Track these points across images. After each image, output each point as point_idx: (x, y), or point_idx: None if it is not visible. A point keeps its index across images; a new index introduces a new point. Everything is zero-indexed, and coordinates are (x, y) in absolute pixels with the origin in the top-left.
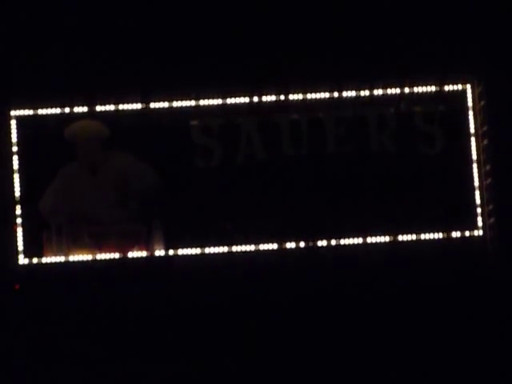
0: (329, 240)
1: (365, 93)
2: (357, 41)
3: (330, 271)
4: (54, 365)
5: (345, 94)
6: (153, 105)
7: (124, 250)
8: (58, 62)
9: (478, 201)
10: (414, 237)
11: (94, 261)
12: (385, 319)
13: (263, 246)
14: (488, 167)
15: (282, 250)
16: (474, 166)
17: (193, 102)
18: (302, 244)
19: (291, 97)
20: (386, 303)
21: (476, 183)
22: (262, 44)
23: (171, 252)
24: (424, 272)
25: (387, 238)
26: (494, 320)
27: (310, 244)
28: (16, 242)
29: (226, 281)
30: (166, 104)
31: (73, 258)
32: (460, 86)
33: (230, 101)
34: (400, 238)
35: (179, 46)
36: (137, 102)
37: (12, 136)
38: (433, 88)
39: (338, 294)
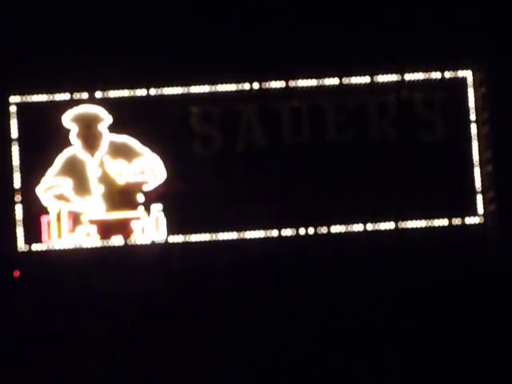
0: (329, 227)
1: (365, 80)
2: (357, 28)
3: (331, 258)
4: (54, 352)
5: (345, 81)
6: (152, 91)
7: (123, 237)
8: (57, 49)
9: (478, 188)
10: (414, 224)
11: (94, 247)
12: (386, 306)
13: (263, 233)
14: (488, 154)
15: (281, 237)
16: (475, 152)
17: (193, 89)
18: (302, 231)
19: (292, 84)
20: (387, 290)
21: (476, 170)
22: (264, 31)
23: (171, 239)
24: (424, 258)
25: (387, 225)
26: (495, 307)
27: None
28: (15, 228)
29: (226, 267)
30: (165, 90)
31: (72, 244)
32: (460, 73)
33: (229, 87)
34: (400, 225)
35: (180, 32)
36: (137, 89)
37: (11, 122)
38: (433, 75)
39: (339, 280)
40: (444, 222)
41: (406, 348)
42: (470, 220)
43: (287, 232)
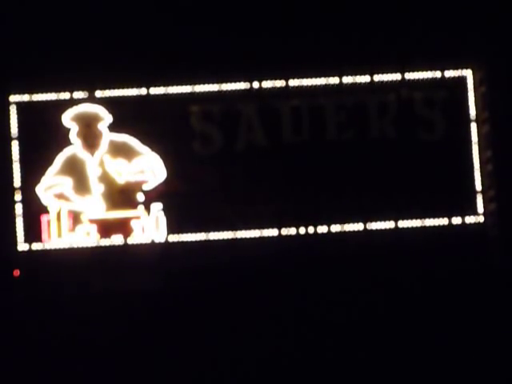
0: (329, 226)
1: (365, 79)
2: (357, 27)
3: (330, 257)
4: (54, 351)
5: (345, 80)
6: (152, 90)
7: (123, 236)
8: (57, 48)
9: (478, 187)
10: (414, 223)
11: (94, 247)
12: (386, 306)
13: (263, 233)
14: (488, 153)
15: (281, 237)
16: (475, 151)
17: (193, 88)
18: (301, 230)
19: (291, 83)
20: (387, 289)
21: (476, 169)
22: (263, 29)
23: (171, 238)
24: (424, 258)
25: (387, 225)
26: (494, 307)
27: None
28: (15, 227)
29: (226, 267)
30: (165, 90)
31: (72, 243)
32: (460, 72)
33: (230, 86)
34: (400, 224)
35: (180, 31)
36: (137, 88)
37: (11, 122)
38: (433, 74)
39: (339, 280)
40: (444, 222)
41: (406, 348)
42: (470, 219)
43: (287, 231)
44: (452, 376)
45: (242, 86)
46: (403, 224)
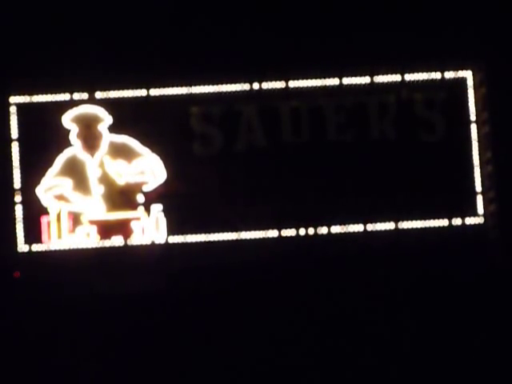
0: (329, 227)
1: (365, 80)
2: (357, 28)
3: (330, 259)
4: (54, 352)
5: (345, 81)
6: (152, 92)
7: (123, 237)
8: (57, 49)
9: (478, 188)
10: (414, 224)
11: (94, 248)
12: (386, 307)
13: (263, 234)
14: (488, 154)
15: (282, 237)
16: (475, 152)
17: (193, 89)
18: (301, 231)
19: (292, 84)
20: (387, 290)
21: (477, 170)
22: (263, 31)
23: (171, 239)
24: (425, 259)
25: (388, 226)
26: (495, 308)
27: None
28: (15, 229)
29: (226, 268)
30: (165, 91)
31: (72, 245)
32: (460, 73)
33: (230, 88)
34: (400, 225)
35: (180, 32)
36: (137, 89)
37: (11, 123)
38: (433, 75)
39: (339, 281)
40: (444, 223)
41: (406, 348)
42: (471, 220)
43: (287, 232)
44: (453, 376)
45: (241, 87)
46: (403, 225)
